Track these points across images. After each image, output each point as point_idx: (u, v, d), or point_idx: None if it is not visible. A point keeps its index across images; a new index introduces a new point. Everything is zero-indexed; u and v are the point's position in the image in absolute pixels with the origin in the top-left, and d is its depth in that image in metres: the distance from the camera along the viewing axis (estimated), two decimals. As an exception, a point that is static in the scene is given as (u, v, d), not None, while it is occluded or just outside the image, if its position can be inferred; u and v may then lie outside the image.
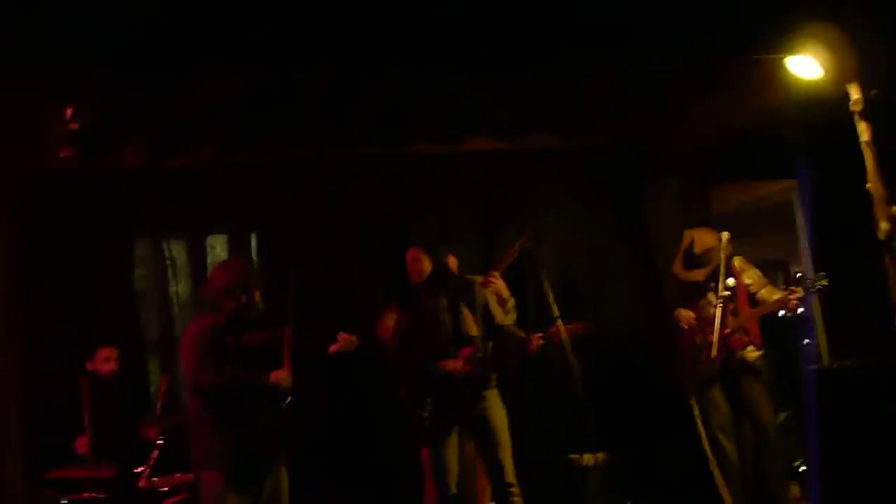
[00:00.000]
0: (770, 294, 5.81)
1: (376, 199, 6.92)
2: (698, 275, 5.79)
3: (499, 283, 5.66)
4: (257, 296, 4.52)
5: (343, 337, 4.61)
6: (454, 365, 4.89)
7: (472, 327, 4.99)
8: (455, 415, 4.95)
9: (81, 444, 5.25)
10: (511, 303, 5.75)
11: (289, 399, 4.36)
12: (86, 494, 5.05)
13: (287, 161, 6.65)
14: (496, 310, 5.12)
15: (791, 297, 5.64)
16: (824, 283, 5.55)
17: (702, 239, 5.83)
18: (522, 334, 4.99)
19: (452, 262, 5.13)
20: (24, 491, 5.49)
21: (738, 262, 5.90)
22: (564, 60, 5.64)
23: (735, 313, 5.69)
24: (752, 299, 5.84)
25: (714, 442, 5.77)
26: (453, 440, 5.01)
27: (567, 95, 6.46)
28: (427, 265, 5.04)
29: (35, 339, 6.03)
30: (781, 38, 5.15)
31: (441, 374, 4.89)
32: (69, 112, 5.11)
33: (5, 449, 5.73)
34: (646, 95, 6.74)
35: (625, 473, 6.50)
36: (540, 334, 4.86)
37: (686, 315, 5.83)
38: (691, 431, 5.86)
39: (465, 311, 5.01)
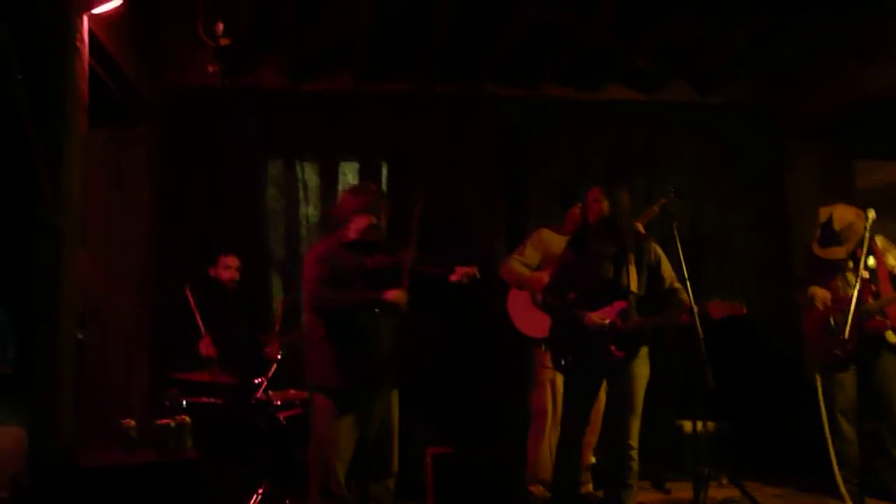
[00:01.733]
0: None
1: (504, 140, 6.87)
2: (838, 252, 5.56)
3: None
4: (384, 220, 4.58)
5: (462, 269, 4.54)
6: (599, 319, 4.72)
7: (634, 282, 4.79)
8: (596, 364, 4.82)
9: (204, 345, 5.41)
10: None
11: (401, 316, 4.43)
12: (205, 399, 5.24)
13: (422, 94, 6.68)
14: (667, 271, 4.89)
15: None
16: None
17: (842, 215, 5.58)
18: (688, 302, 4.79)
19: (626, 201, 4.95)
20: (151, 389, 5.76)
21: (880, 241, 5.65)
22: (711, 8, 5.49)
23: (876, 296, 5.48)
24: (895, 281, 5.63)
25: (834, 424, 5.64)
26: (590, 387, 4.93)
27: (711, 48, 6.30)
28: (605, 206, 4.85)
29: (167, 246, 6.25)
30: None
31: (585, 324, 4.74)
32: (220, 28, 5.19)
33: (138, 347, 6.05)
34: (796, 53, 6.52)
35: (733, 445, 6.44)
36: (695, 309, 4.68)
37: (822, 294, 5.64)
38: (810, 411, 5.74)
39: (632, 265, 4.81)
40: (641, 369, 4.84)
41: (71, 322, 4.00)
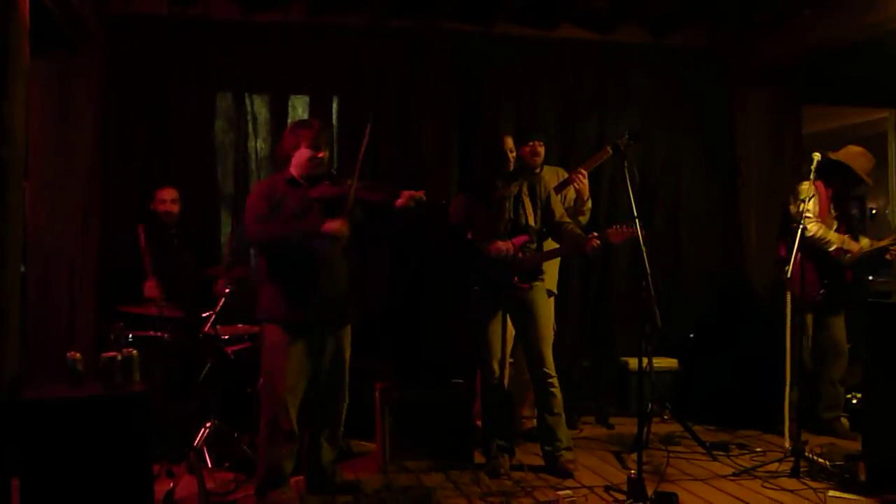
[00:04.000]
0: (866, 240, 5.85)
1: (458, 77, 6.80)
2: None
3: (584, 182, 5.62)
4: (326, 153, 4.53)
5: (406, 193, 4.49)
6: (504, 246, 4.92)
7: (531, 218, 5.02)
8: (499, 296, 5.00)
9: (149, 288, 5.37)
10: (589, 204, 5.71)
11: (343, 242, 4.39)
12: (152, 332, 5.20)
13: (376, 28, 6.56)
14: (557, 205, 5.11)
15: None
16: None
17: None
18: (581, 234, 4.94)
19: (510, 143, 5.00)
20: (97, 323, 5.69)
21: None
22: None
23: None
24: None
25: (801, 366, 5.68)
26: (497, 322, 5.06)
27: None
28: (513, 154, 5.01)
29: (113, 179, 6.13)
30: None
31: (489, 253, 4.93)
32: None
33: (83, 281, 5.96)
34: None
35: (678, 383, 6.58)
36: (595, 234, 4.80)
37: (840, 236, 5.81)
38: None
39: (527, 202, 5.03)
40: (543, 300, 5.10)
41: (16, 255, 3.92)
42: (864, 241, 5.84)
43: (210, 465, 4.88)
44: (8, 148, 3.69)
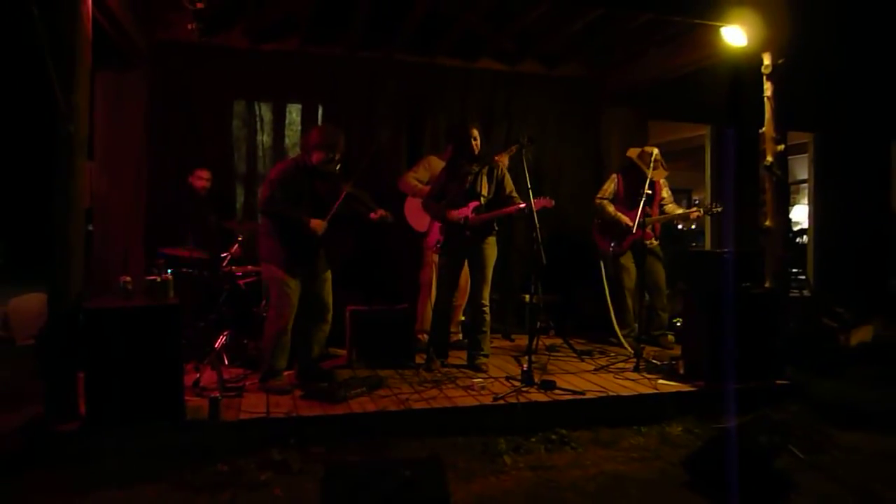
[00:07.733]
0: (674, 209, 6.08)
1: (407, 94, 6.69)
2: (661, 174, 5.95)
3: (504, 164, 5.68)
4: (339, 155, 4.48)
5: (381, 211, 4.64)
6: (459, 214, 4.97)
7: (485, 189, 5.03)
8: (463, 248, 5.02)
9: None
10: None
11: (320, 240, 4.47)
12: (185, 270, 5.13)
13: (346, 57, 6.44)
14: (508, 185, 5.13)
15: (693, 214, 5.91)
16: (719, 209, 5.65)
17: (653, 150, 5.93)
18: (520, 201, 4.96)
19: (475, 132, 5.05)
20: (145, 259, 5.55)
21: (662, 180, 6.02)
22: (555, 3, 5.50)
23: (648, 215, 5.87)
24: (661, 209, 6.07)
25: (622, 296, 5.97)
26: (456, 266, 5.10)
27: (555, 35, 6.29)
28: (479, 142, 5.05)
29: (155, 160, 5.95)
30: (721, 10, 5.07)
31: (450, 218, 4.98)
32: (197, -7, 4.91)
33: (134, 229, 5.83)
34: (613, 42, 6.60)
35: (559, 310, 6.66)
36: (523, 204, 4.84)
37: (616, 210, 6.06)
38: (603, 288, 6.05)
39: (484, 179, 5.04)
40: (491, 251, 5.08)
41: (81, 207, 3.80)
42: (679, 209, 6.09)
43: (226, 363, 4.86)
44: (76, 125, 3.59)
